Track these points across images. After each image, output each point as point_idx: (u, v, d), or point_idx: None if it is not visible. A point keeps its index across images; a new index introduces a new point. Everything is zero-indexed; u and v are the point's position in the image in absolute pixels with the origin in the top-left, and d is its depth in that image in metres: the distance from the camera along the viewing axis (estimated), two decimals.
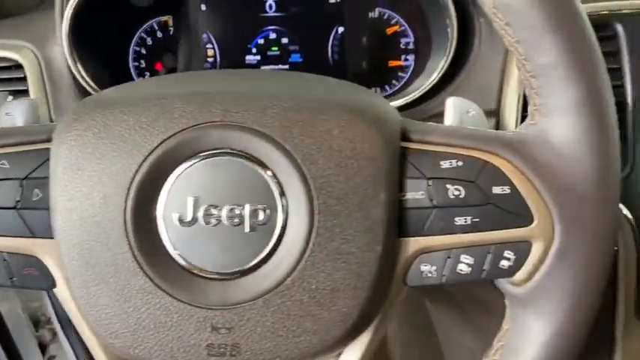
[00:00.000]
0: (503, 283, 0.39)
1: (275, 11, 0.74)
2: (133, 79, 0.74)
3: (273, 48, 0.75)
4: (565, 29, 0.34)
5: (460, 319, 0.97)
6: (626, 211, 0.59)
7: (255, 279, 0.36)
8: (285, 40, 0.75)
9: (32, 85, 0.66)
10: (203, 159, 0.35)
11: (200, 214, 0.35)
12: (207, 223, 0.35)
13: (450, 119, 0.43)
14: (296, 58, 0.75)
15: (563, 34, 0.34)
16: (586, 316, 0.37)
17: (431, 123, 0.40)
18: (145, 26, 0.75)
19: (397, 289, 0.39)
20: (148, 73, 0.75)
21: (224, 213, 0.35)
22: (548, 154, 0.36)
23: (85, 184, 0.35)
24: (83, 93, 0.66)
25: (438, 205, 0.37)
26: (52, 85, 0.66)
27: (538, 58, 0.35)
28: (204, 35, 0.75)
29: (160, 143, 0.35)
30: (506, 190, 0.36)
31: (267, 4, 0.74)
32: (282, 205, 0.35)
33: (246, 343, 0.36)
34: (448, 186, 0.37)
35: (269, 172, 0.35)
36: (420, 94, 0.66)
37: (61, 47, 0.66)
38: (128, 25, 0.74)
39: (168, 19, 0.75)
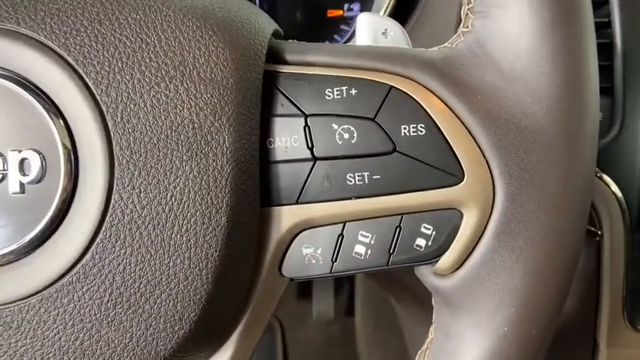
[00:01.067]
0: (424, 274, 0.27)
1: None
2: None
3: None
4: None
5: (425, 317, 0.85)
6: (613, 185, 0.46)
7: (28, 267, 0.23)
8: None
9: None
10: None
11: None
12: None
13: (360, 43, 0.30)
14: None
15: None
16: (538, 327, 0.24)
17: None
18: None
19: (270, 283, 0.26)
20: None
21: None
22: (488, 74, 0.24)
23: None
24: None
25: (321, 156, 0.25)
26: None
27: None
28: None
29: None
30: (421, 130, 0.24)
31: None
32: (65, 153, 0.22)
33: None
34: (335, 126, 0.24)
35: (43, 100, 0.23)
36: None
37: None
38: None
39: None
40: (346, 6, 0.62)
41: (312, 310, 1.01)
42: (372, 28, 0.30)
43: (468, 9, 0.25)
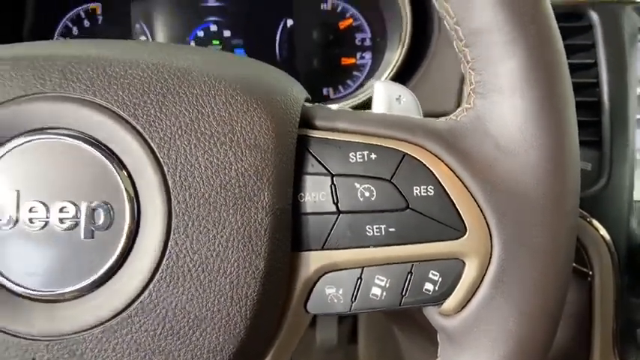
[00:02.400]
0: (431, 313, 0.31)
1: (216, 0, 0.66)
2: None
3: (214, 41, 0.67)
4: None
5: (428, 349, 0.88)
6: (602, 230, 0.50)
7: (93, 302, 0.27)
8: (227, 34, 0.67)
9: None
10: (28, 141, 0.27)
11: (22, 213, 0.27)
12: (32, 225, 0.26)
13: (377, 107, 0.35)
14: (239, 52, 0.67)
15: None
16: None
17: (343, 109, 0.32)
18: (71, 14, 0.67)
19: (296, 319, 0.30)
20: None
21: (53, 213, 0.26)
22: (486, 146, 0.28)
23: None
24: None
25: (345, 210, 0.29)
26: None
27: (471, 19, 0.27)
28: (137, 26, 0.67)
29: None
30: (430, 191, 0.28)
31: None
32: (130, 205, 0.27)
33: None
34: (357, 185, 0.29)
35: (114, 160, 0.27)
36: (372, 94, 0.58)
37: None
38: (53, 12, 0.66)
39: (96, 6, 0.67)
40: (359, 55, 0.67)
41: (315, 338, 1.03)
42: (387, 94, 0.35)
43: (471, 89, 0.29)
